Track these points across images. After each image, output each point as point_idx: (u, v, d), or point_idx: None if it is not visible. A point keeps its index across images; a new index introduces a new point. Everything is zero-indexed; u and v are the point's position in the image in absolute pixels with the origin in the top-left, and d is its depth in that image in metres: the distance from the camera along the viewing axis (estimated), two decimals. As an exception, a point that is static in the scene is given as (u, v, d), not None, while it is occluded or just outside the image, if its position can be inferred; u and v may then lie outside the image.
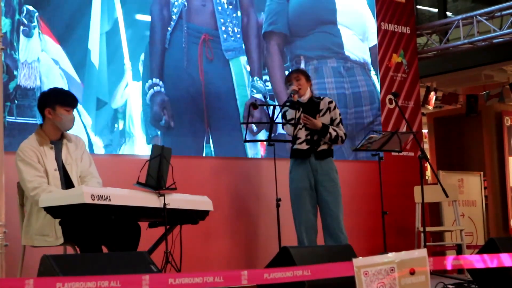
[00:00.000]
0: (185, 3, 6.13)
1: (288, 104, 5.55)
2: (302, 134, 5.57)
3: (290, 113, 5.53)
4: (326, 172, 5.56)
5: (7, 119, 4.94)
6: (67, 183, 4.36)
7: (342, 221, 5.55)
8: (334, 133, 5.55)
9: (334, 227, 5.49)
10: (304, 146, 5.56)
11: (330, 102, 5.68)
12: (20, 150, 4.28)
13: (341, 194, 5.60)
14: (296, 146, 5.59)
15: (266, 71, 6.62)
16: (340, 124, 5.66)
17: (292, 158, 5.65)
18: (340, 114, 5.71)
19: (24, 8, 5.21)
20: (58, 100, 4.37)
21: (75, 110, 4.50)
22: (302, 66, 6.78)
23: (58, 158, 4.37)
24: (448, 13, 10.12)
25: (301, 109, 5.52)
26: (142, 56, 5.83)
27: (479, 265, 3.33)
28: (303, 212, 5.51)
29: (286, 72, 6.33)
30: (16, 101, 5.09)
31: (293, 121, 5.47)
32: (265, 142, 6.15)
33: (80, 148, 4.53)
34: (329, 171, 5.58)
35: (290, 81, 5.67)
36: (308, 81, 5.69)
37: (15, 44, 5.13)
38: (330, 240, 5.49)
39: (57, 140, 4.42)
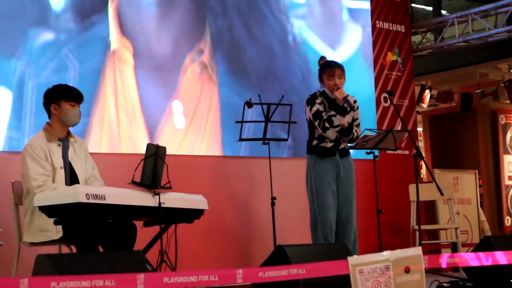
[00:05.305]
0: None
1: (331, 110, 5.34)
2: None
3: (339, 119, 5.28)
4: (347, 170, 5.44)
5: None
6: (72, 181, 4.36)
7: None
8: (355, 134, 5.42)
9: (352, 221, 5.43)
10: (328, 144, 5.38)
11: (355, 102, 5.47)
12: (29, 146, 4.29)
13: None
14: (321, 144, 5.39)
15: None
16: (359, 125, 5.52)
17: (313, 154, 5.42)
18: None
19: None
20: (63, 95, 4.39)
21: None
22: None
23: (65, 155, 4.39)
24: (443, 11, 10.15)
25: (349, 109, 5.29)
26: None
27: (474, 263, 3.34)
28: (331, 209, 5.35)
29: None
30: None
31: (339, 128, 5.28)
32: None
33: (84, 150, 4.56)
34: (350, 168, 5.47)
35: (332, 76, 5.34)
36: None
37: None
38: (351, 235, 5.41)
39: (64, 138, 4.44)
